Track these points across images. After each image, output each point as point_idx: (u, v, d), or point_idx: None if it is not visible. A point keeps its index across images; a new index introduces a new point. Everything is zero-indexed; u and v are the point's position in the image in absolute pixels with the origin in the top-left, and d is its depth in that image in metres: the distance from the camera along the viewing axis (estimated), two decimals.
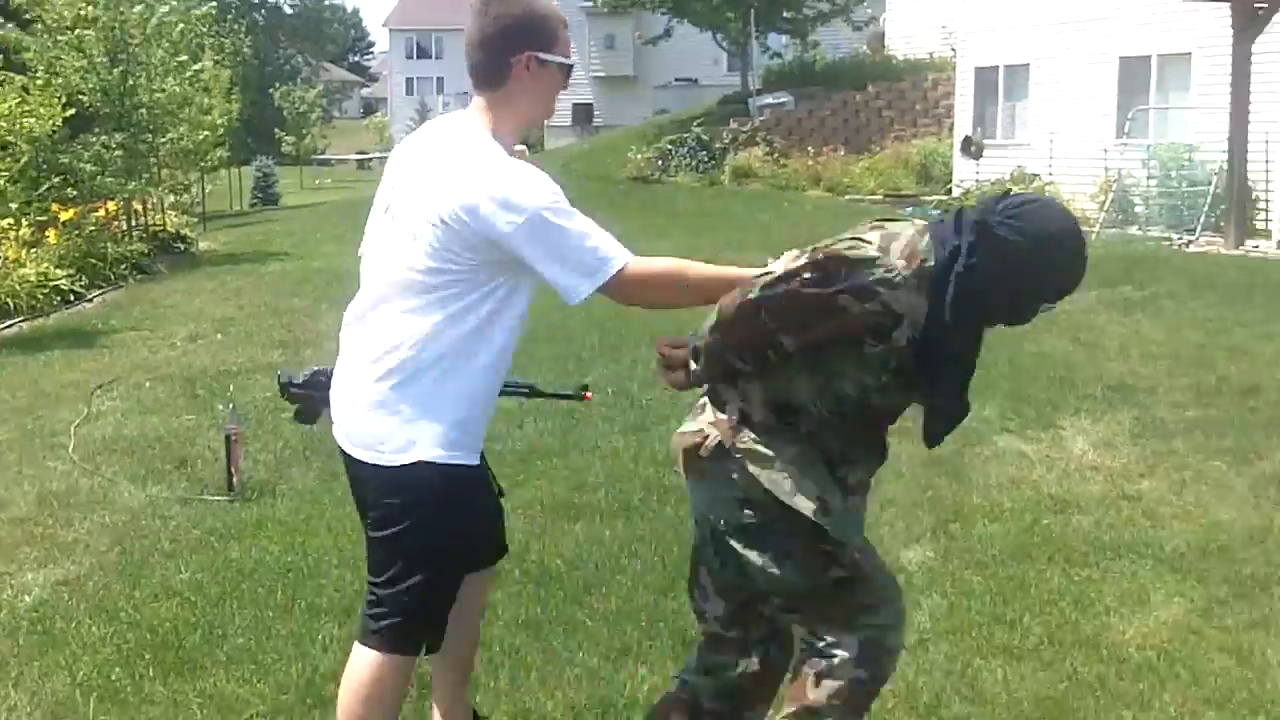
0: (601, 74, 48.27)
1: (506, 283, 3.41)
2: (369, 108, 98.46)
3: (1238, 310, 12.46)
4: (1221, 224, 18.95)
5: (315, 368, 4.22)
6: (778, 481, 3.30)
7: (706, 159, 29.19)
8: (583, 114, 48.21)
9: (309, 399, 4.20)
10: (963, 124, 26.24)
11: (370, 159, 62.11)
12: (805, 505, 3.29)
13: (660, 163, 29.74)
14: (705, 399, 3.47)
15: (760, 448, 3.32)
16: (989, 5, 25.66)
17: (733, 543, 3.38)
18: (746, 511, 3.35)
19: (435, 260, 3.34)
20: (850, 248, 3.16)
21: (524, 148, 3.85)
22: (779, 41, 35.07)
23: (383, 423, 3.44)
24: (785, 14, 32.30)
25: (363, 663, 3.55)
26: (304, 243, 22.59)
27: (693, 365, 3.40)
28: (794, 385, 3.30)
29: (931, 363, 3.23)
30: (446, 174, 3.35)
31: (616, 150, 31.70)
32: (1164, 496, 6.84)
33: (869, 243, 3.17)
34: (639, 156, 30.00)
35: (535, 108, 3.56)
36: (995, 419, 8.29)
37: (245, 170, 40.94)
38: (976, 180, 24.47)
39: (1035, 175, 23.40)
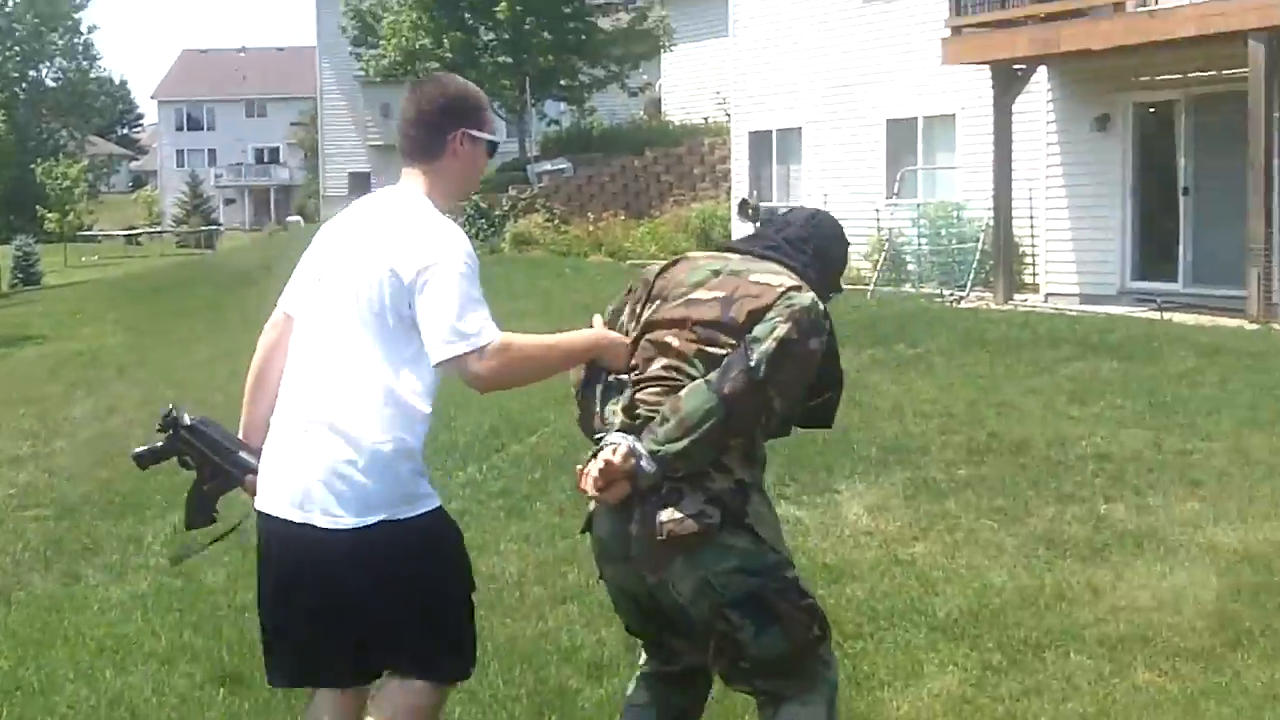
0: (379, 142, 47.77)
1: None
2: (139, 181, 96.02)
3: (1007, 365, 12.65)
4: (991, 279, 19.39)
5: (202, 417, 3.93)
6: (776, 538, 3.68)
7: (486, 226, 28.96)
8: (359, 183, 47.57)
9: (210, 465, 3.86)
10: (739, 187, 26.51)
11: (139, 234, 60.37)
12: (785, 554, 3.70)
13: None
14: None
15: (765, 510, 3.68)
16: (760, 71, 26.03)
17: (731, 614, 3.53)
18: (752, 580, 3.54)
19: (381, 312, 3.57)
20: (808, 298, 3.62)
21: (298, 218, 3.81)
22: (556, 109, 35.08)
23: (379, 482, 3.56)
24: (561, 81, 32.31)
25: (417, 697, 3.66)
26: (63, 324, 21.74)
27: (644, 466, 3.49)
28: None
29: (837, 357, 3.75)
30: (388, 234, 3.61)
31: None
32: (937, 560, 6.77)
33: (800, 285, 3.66)
34: None
35: (465, 180, 3.87)
36: (772, 485, 8.16)
37: (4, 249, 39.34)
38: None
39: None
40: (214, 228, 68.46)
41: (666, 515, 3.50)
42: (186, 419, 3.86)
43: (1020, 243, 20.14)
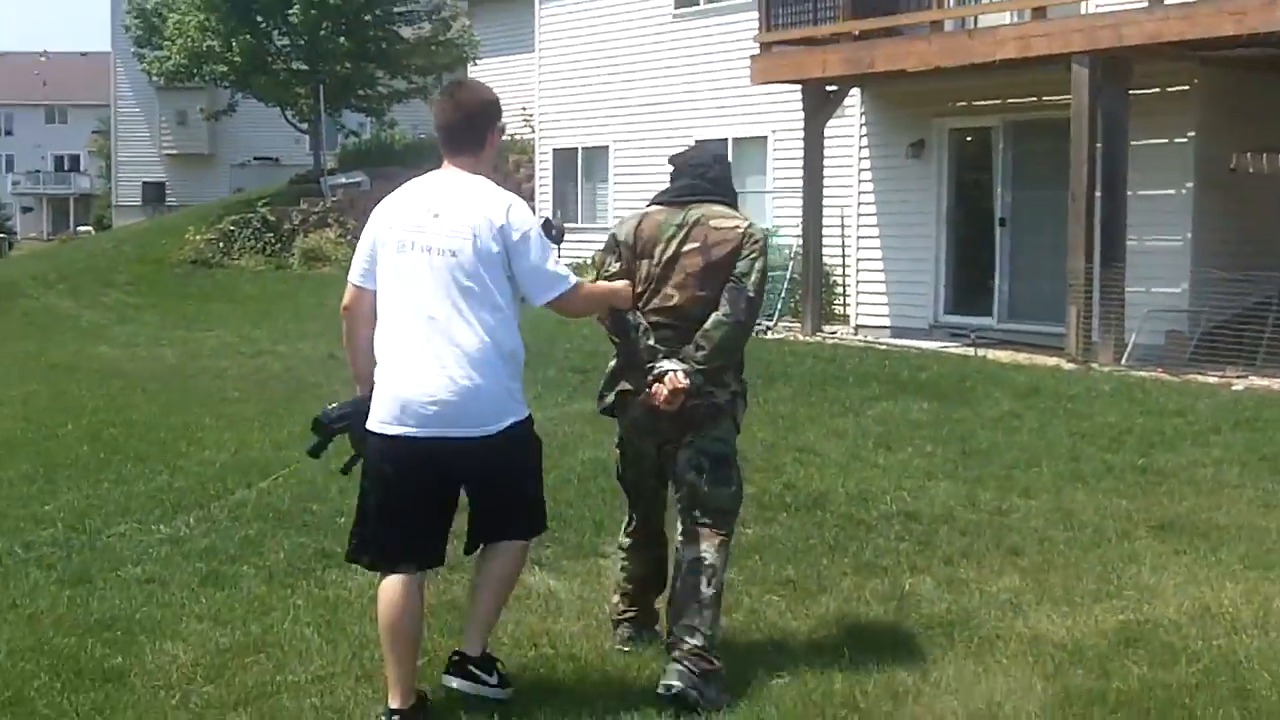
0: (174, 151, 45.58)
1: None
2: None
3: (811, 404, 11.64)
4: (800, 309, 18.40)
5: (338, 403, 5.10)
6: (740, 420, 5.36)
7: (274, 241, 27.29)
8: (154, 193, 45.40)
9: (347, 427, 4.98)
10: (544, 207, 25.24)
11: None
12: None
13: (222, 245, 27.61)
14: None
15: (742, 407, 5.33)
16: (566, 88, 24.88)
17: (704, 462, 5.14)
18: (724, 447, 5.22)
19: (479, 266, 4.65)
20: (757, 228, 5.25)
21: (89, 229, 3.41)
22: (357, 120, 33.47)
23: (483, 399, 4.67)
24: (360, 91, 30.68)
25: (511, 553, 4.95)
26: None
27: (695, 379, 5.01)
28: None
29: None
30: (470, 203, 4.68)
31: (177, 231, 29.36)
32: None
33: (746, 219, 5.28)
34: (198, 238, 27.75)
35: (491, 166, 4.94)
36: (539, 545, 6.87)
37: None
38: (557, 264, 23.42)
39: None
40: (8, 236, 65.41)
41: (694, 401, 5.06)
42: (329, 414, 5.02)
43: (831, 272, 19.24)
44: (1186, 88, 15.30)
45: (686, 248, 5.09)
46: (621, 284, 5.19)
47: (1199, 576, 6.56)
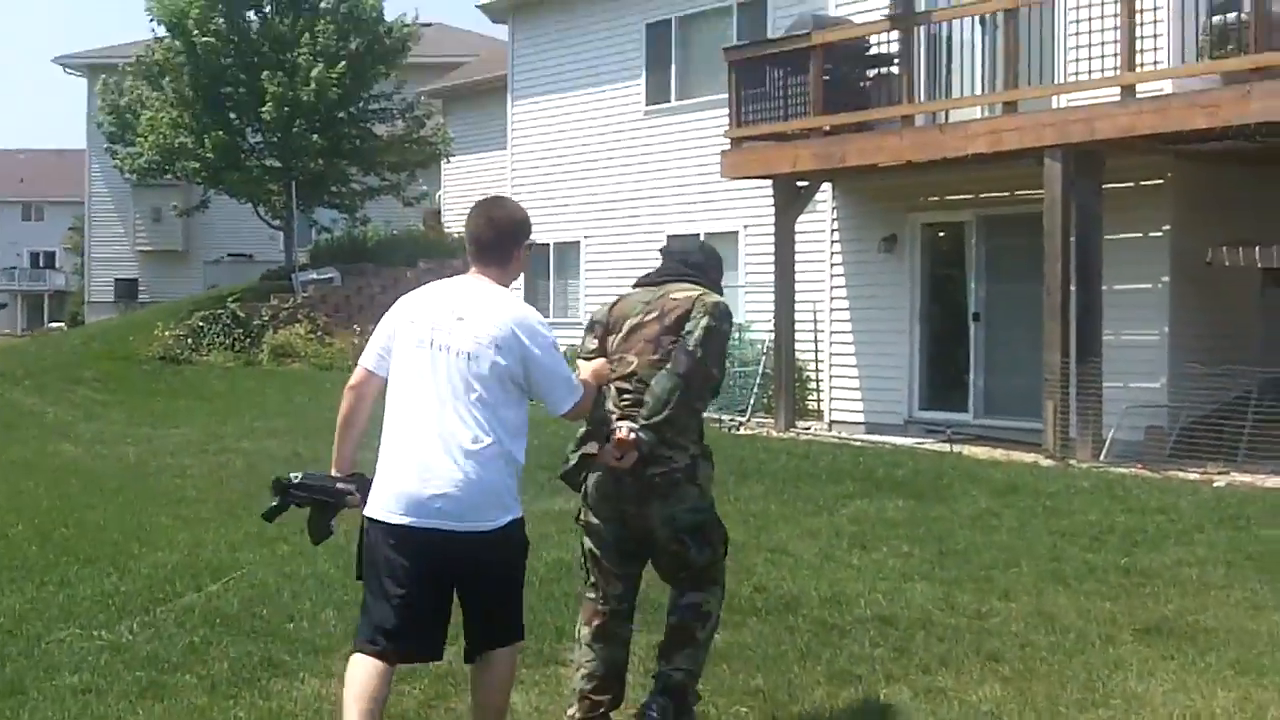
0: (148, 248, 45.32)
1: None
2: None
3: (784, 502, 11.36)
4: (772, 405, 18.16)
5: (302, 473, 5.20)
6: (710, 490, 5.60)
7: (243, 336, 27.01)
8: (126, 289, 45.05)
9: (318, 503, 5.11)
10: None
11: None
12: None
13: (190, 341, 27.32)
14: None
15: (708, 469, 5.53)
16: (539, 183, 24.77)
17: (684, 538, 5.42)
18: (697, 516, 5.47)
19: (495, 372, 4.85)
20: (714, 297, 5.51)
21: (61, 325, 3.43)
22: (329, 216, 33.37)
23: (486, 495, 4.83)
24: (333, 188, 30.55)
25: (509, 658, 5.06)
26: None
27: (643, 436, 5.21)
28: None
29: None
30: (493, 312, 4.92)
31: (147, 327, 29.06)
32: None
33: (706, 291, 5.52)
34: (168, 334, 27.47)
35: (514, 279, 5.28)
36: None
37: None
38: None
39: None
40: None
41: (653, 470, 5.24)
42: (293, 479, 5.13)
43: (804, 367, 19.01)
44: (1160, 181, 15.20)
45: (648, 318, 5.45)
46: (599, 362, 5.50)
47: (1188, 683, 6.28)
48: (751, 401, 18.68)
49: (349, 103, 29.78)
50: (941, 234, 17.90)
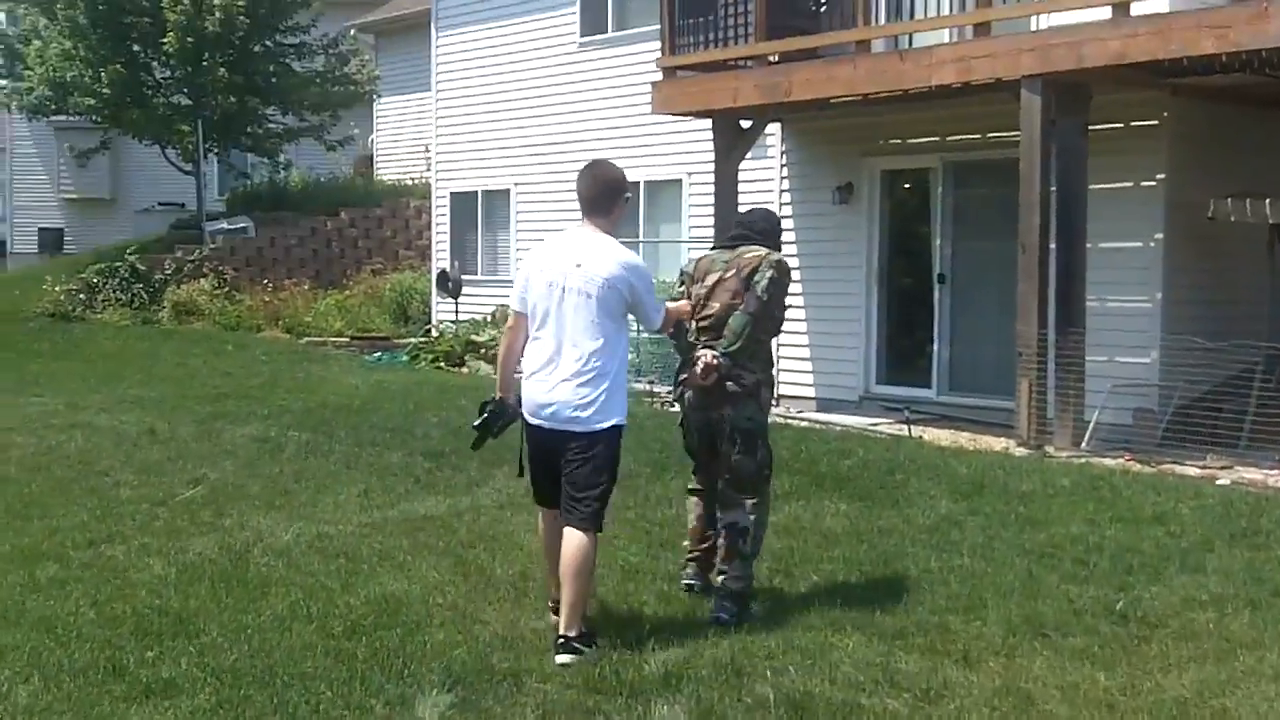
0: (74, 195, 42.74)
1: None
2: None
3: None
4: None
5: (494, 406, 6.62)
6: (768, 410, 7.11)
7: (143, 292, 24.76)
8: (51, 239, 42.36)
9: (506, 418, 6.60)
10: (441, 256, 22.82)
11: None
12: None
13: (84, 297, 25.06)
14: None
15: (766, 393, 7.01)
16: (465, 127, 22.42)
17: (736, 437, 6.83)
18: (753, 423, 6.90)
19: (604, 307, 6.26)
20: (778, 255, 7.02)
21: None
22: (249, 161, 30.94)
23: (588, 406, 6.26)
24: (248, 129, 28.13)
25: (580, 543, 6.19)
26: None
27: (722, 360, 6.73)
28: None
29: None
30: (604, 257, 6.32)
31: (37, 281, 26.77)
32: None
33: (771, 251, 7.01)
34: (58, 289, 25.20)
35: (616, 226, 6.58)
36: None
37: None
38: (455, 321, 21.03)
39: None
40: None
41: (728, 384, 6.79)
42: (490, 401, 6.62)
43: None
44: (1155, 122, 13.10)
45: (727, 275, 6.91)
46: (684, 303, 6.98)
47: None
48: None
49: (263, 35, 27.32)
50: (904, 183, 15.76)
